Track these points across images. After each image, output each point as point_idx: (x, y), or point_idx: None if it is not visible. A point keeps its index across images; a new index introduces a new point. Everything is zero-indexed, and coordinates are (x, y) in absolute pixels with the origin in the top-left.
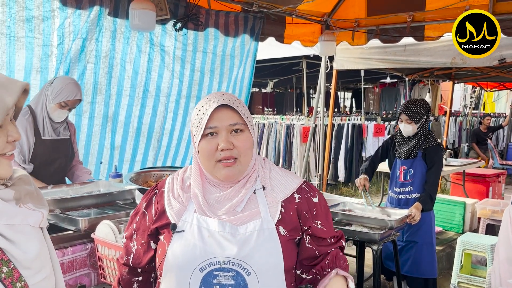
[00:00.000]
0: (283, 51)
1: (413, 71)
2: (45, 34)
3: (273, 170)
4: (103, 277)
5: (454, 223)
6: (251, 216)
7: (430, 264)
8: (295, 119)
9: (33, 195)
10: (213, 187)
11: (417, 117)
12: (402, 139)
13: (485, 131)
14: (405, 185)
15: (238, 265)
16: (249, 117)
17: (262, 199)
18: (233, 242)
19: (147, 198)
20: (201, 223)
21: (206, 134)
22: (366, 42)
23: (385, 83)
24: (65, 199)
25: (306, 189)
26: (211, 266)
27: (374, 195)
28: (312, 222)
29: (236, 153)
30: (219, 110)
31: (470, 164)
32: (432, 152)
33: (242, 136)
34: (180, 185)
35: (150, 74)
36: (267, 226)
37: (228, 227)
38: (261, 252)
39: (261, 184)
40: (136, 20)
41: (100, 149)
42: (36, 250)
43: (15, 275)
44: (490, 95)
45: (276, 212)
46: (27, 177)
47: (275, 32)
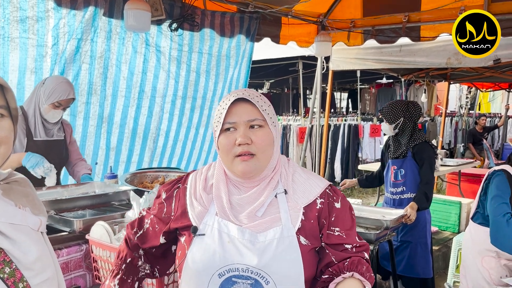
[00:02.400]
0: (279, 52)
1: (409, 72)
2: (40, 34)
3: (296, 172)
4: (98, 278)
5: (450, 223)
6: (271, 223)
7: (424, 264)
8: (292, 120)
9: (30, 199)
10: (234, 187)
11: (391, 118)
12: (393, 139)
13: (480, 131)
14: (397, 185)
15: (257, 274)
16: (270, 113)
17: (284, 204)
18: (252, 250)
19: (168, 189)
20: (222, 228)
21: (224, 129)
22: (362, 42)
23: (381, 84)
24: (59, 200)
25: (330, 194)
26: (230, 272)
27: (371, 196)
28: (327, 229)
29: (254, 149)
30: (239, 105)
31: (465, 164)
32: (420, 150)
33: (261, 132)
34: (203, 185)
35: (146, 75)
36: (288, 234)
37: (247, 234)
38: (280, 262)
39: (283, 187)
40: (131, 21)
41: (95, 150)
42: (36, 252)
43: (17, 275)
44: (485, 96)
45: (298, 219)
46: (24, 180)
47: (271, 32)
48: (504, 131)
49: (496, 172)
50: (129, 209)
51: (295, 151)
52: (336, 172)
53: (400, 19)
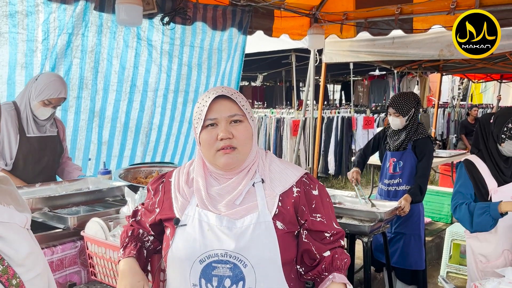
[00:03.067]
0: (273, 45)
1: (402, 64)
2: (29, 29)
3: (273, 163)
4: (94, 274)
5: (443, 214)
6: (249, 210)
7: (417, 256)
8: (285, 113)
9: (13, 196)
10: (214, 179)
11: (404, 110)
12: (393, 131)
13: (472, 122)
14: (394, 177)
15: (235, 258)
16: (248, 108)
17: (261, 192)
18: (230, 236)
19: (154, 187)
20: (202, 217)
21: (206, 125)
22: (355, 35)
23: (374, 76)
24: (53, 197)
25: (306, 182)
26: (210, 258)
27: (364, 187)
28: (310, 216)
29: (236, 143)
30: (218, 102)
31: (458, 155)
32: (421, 144)
33: (241, 127)
34: (185, 179)
35: (137, 69)
36: (264, 219)
37: (225, 221)
38: (257, 245)
39: (260, 177)
40: (123, 15)
41: (87, 144)
42: (27, 248)
43: (10, 272)
44: (477, 87)
45: (274, 205)
46: (6, 178)
47: (264, 25)
48: None
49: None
50: (123, 205)
51: (289, 144)
52: (330, 164)
53: (392, 11)
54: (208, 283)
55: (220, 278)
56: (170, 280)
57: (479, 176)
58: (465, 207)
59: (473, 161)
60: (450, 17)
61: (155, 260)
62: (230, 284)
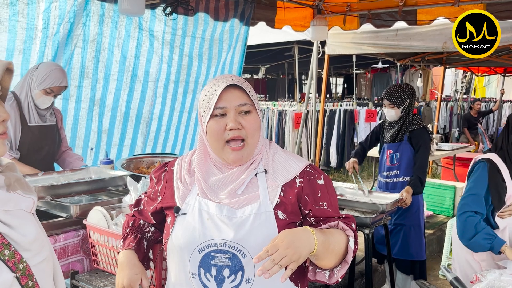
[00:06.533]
0: (275, 37)
1: (405, 56)
2: (29, 17)
3: (277, 153)
4: (96, 263)
5: (445, 207)
6: (250, 200)
7: (418, 247)
8: (287, 105)
9: (21, 182)
10: (217, 169)
11: (398, 102)
12: (389, 124)
13: (475, 116)
14: (392, 168)
15: (234, 248)
16: (256, 98)
17: (263, 183)
18: (229, 225)
19: (157, 175)
20: (202, 206)
21: (214, 114)
22: (358, 26)
23: (376, 69)
24: (56, 186)
25: (311, 172)
26: (209, 247)
27: (366, 180)
28: (315, 205)
29: (244, 134)
30: (228, 90)
31: (460, 149)
32: (417, 135)
33: (250, 117)
34: (187, 167)
35: (139, 59)
36: (265, 209)
37: (225, 211)
38: (256, 235)
39: (263, 167)
40: (125, 4)
41: (87, 132)
42: (33, 233)
43: (17, 257)
44: (480, 80)
45: (276, 196)
46: (13, 164)
47: (266, 16)
48: (499, 115)
49: (479, 163)
50: (125, 194)
51: (291, 136)
52: (331, 157)
53: (396, 2)
54: (207, 273)
55: (219, 268)
56: (170, 269)
57: (500, 181)
58: (472, 220)
59: (496, 162)
60: (455, 9)
61: (157, 249)
62: (229, 274)
